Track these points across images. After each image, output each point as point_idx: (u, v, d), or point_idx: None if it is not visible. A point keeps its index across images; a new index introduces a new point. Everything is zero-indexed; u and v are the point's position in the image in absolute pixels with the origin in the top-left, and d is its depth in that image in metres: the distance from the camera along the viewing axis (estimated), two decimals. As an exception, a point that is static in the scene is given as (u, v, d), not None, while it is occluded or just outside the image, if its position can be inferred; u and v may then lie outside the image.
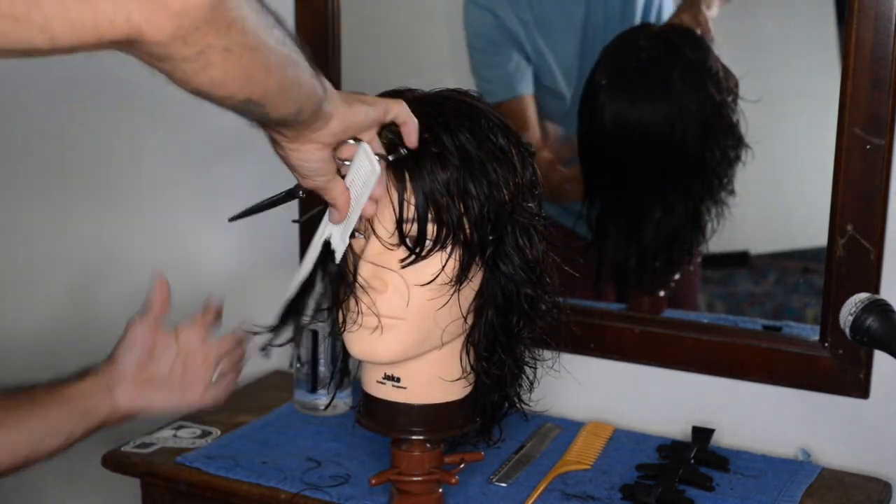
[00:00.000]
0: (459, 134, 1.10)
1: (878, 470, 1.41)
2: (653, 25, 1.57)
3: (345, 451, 1.44)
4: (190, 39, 0.77)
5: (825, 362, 1.42)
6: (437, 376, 1.18)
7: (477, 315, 1.17)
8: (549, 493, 1.34)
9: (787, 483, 1.37)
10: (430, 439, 1.22)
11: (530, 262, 1.16)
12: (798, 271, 1.62)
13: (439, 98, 1.15)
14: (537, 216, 1.18)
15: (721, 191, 1.57)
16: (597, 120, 1.57)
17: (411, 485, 1.23)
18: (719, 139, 1.54)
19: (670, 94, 1.54)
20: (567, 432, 1.50)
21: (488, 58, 1.67)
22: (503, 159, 1.13)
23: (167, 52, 0.78)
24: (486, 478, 1.36)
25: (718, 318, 1.59)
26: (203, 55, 0.79)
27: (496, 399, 1.23)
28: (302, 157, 1.02)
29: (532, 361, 1.24)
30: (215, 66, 0.81)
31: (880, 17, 1.30)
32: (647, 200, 1.58)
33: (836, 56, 1.40)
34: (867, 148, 1.33)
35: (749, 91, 1.52)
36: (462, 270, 1.12)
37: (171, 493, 1.42)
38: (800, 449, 1.46)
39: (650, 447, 1.47)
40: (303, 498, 1.32)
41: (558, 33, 1.62)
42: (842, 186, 1.36)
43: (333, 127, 1.00)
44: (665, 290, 1.63)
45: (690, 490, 1.34)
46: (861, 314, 1.16)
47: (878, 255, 1.36)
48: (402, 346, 1.14)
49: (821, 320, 1.42)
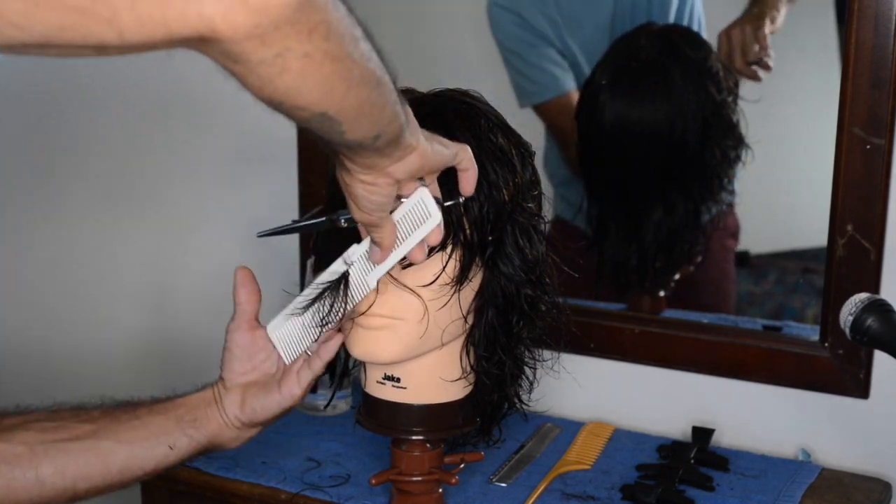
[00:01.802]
0: (459, 134, 1.10)
1: (877, 470, 1.41)
2: (654, 25, 1.57)
3: (345, 451, 1.44)
4: (268, 39, 0.72)
5: (825, 362, 1.42)
6: (437, 376, 1.18)
7: (477, 315, 1.17)
8: (549, 493, 1.34)
9: (787, 483, 1.37)
10: (430, 439, 1.22)
11: (530, 262, 1.15)
12: (798, 271, 1.62)
13: (439, 98, 1.15)
14: (537, 216, 1.18)
15: (721, 191, 1.57)
16: (597, 120, 1.56)
17: (411, 485, 1.23)
18: (719, 139, 1.54)
19: (670, 93, 1.54)
20: (567, 432, 1.50)
21: (525, 57, 1.65)
22: (503, 159, 1.13)
23: (242, 51, 0.73)
24: (486, 478, 1.36)
25: (718, 318, 1.59)
26: (280, 58, 0.74)
27: (496, 399, 1.23)
28: (370, 189, 0.96)
29: (532, 361, 1.24)
30: (293, 73, 0.76)
31: (880, 17, 1.30)
32: (647, 200, 1.58)
33: (836, 56, 1.40)
34: (867, 148, 1.33)
35: (749, 91, 1.52)
36: (462, 271, 1.12)
37: (171, 493, 1.42)
38: (800, 449, 1.46)
39: (650, 447, 1.47)
40: (303, 498, 1.32)
41: (587, 32, 1.61)
42: (842, 186, 1.36)
43: (412, 162, 0.95)
44: (665, 290, 1.63)
45: (690, 490, 1.34)
46: (861, 314, 1.16)
47: (878, 255, 1.36)
48: (402, 346, 1.14)
49: (821, 320, 1.42)
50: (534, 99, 1.64)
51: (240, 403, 1.15)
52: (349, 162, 0.94)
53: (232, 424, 1.16)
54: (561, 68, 1.63)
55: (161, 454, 1.13)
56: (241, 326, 1.16)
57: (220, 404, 1.15)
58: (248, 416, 1.16)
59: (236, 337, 1.16)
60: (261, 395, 1.16)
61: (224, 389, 1.16)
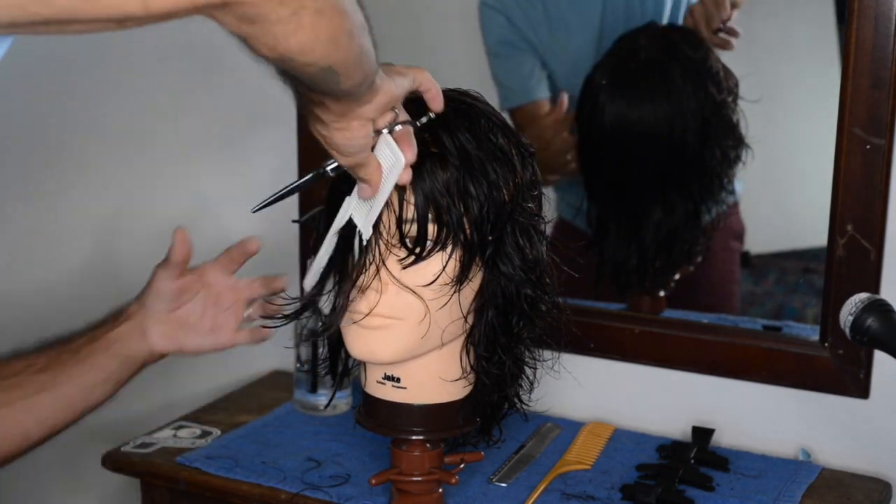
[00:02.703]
0: (459, 134, 1.10)
1: (877, 470, 1.41)
2: (654, 25, 1.57)
3: (345, 451, 1.44)
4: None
5: (825, 362, 1.42)
6: (437, 376, 1.18)
7: (477, 315, 1.17)
8: (549, 493, 1.34)
9: (787, 483, 1.37)
10: (430, 439, 1.22)
11: (530, 262, 1.15)
12: (798, 271, 1.62)
13: (439, 98, 1.15)
14: (537, 216, 1.18)
15: (721, 191, 1.57)
16: (597, 120, 1.56)
17: (411, 485, 1.23)
18: (719, 139, 1.54)
19: (670, 93, 1.54)
20: (567, 432, 1.50)
21: (504, 62, 1.66)
22: (503, 159, 1.13)
23: (261, 11, 0.76)
24: (486, 478, 1.37)
25: (718, 318, 1.59)
26: (296, 16, 0.78)
27: (496, 399, 1.23)
28: (348, 134, 0.99)
29: (532, 361, 1.24)
30: (306, 29, 0.79)
31: (880, 17, 1.30)
32: (647, 200, 1.58)
33: (836, 56, 1.40)
34: (867, 148, 1.33)
35: (749, 91, 1.52)
36: (462, 271, 1.12)
37: (171, 493, 1.42)
38: (800, 449, 1.46)
39: (650, 447, 1.47)
40: (303, 498, 1.32)
41: (574, 35, 1.62)
42: (842, 186, 1.36)
43: (380, 100, 0.98)
44: (665, 290, 1.63)
45: (690, 490, 1.34)
46: (861, 314, 1.16)
47: (878, 255, 1.36)
48: (402, 346, 1.14)
49: (821, 320, 1.42)
50: (505, 103, 1.65)
51: (167, 337, 1.29)
52: (324, 114, 0.97)
53: (158, 353, 1.30)
54: (534, 77, 1.64)
55: (110, 390, 1.26)
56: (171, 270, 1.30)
57: (147, 337, 1.28)
58: (174, 350, 1.31)
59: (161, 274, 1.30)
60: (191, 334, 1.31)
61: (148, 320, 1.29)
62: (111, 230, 1.80)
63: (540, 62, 1.64)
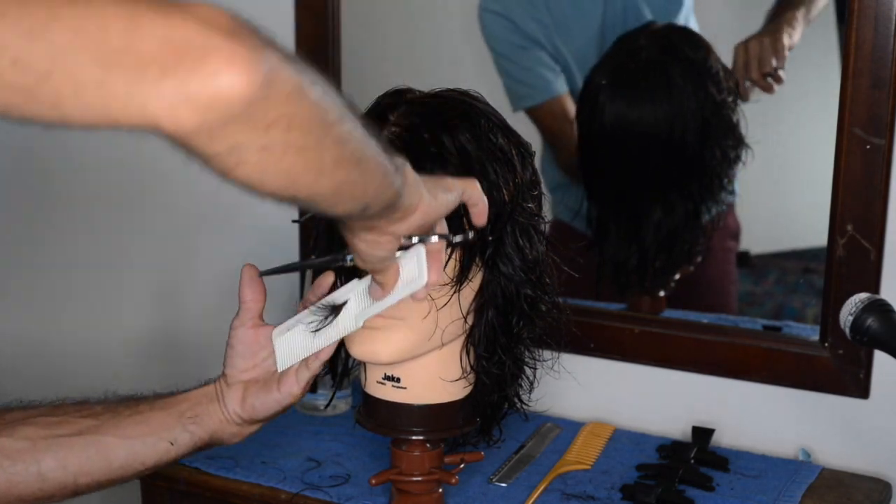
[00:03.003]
0: (459, 134, 1.10)
1: (877, 470, 1.41)
2: (654, 25, 1.57)
3: (345, 451, 1.44)
4: (217, 136, 0.68)
5: (825, 362, 1.42)
6: (437, 376, 1.18)
7: (477, 315, 1.17)
8: (549, 493, 1.34)
9: (787, 483, 1.37)
10: (430, 439, 1.22)
11: (530, 262, 1.15)
12: (798, 271, 1.62)
13: (439, 98, 1.15)
14: (537, 216, 1.18)
15: (721, 191, 1.57)
16: (597, 120, 1.56)
17: (411, 485, 1.23)
18: (719, 139, 1.54)
19: (670, 93, 1.54)
20: (567, 432, 1.50)
21: (517, 61, 1.65)
22: (503, 159, 1.13)
23: (192, 145, 0.68)
24: (486, 478, 1.37)
25: (718, 318, 1.59)
26: (234, 153, 0.69)
27: (496, 399, 1.23)
28: (372, 246, 0.95)
29: (532, 361, 1.24)
30: (250, 165, 0.71)
31: (880, 17, 1.30)
32: (647, 200, 1.57)
33: (836, 56, 1.40)
34: (867, 148, 1.33)
35: (749, 91, 1.52)
36: (462, 271, 1.12)
37: (171, 493, 1.42)
38: (800, 449, 1.46)
39: (650, 447, 1.47)
40: (303, 498, 1.32)
41: (576, 35, 1.61)
42: (842, 186, 1.36)
43: (414, 221, 0.93)
44: (665, 290, 1.63)
45: (690, 490, 1.34)
46: (861, 314, 1.16)
47: (878, 255, 1.36)
48: (402, 346, 1.14)
49: (821, 320, 1.42)
50: (526, 102, 1.64)
51: (241, 400, 1.15)
52: (349, 221, 0.92)
53: (232, 420, 1.16)
54: (553, 72, 1.63)
55: (162, 450, 1.13)
56: (245, 324, 1.15)
57: (222, 401, 1.15)
58: (248, 413, 1.15)
59: (240, 334, 1.16)
60: (261, 393, 1.15)
61: (226, 385, 1.16)
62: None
63: (552, 58, 1.63)
